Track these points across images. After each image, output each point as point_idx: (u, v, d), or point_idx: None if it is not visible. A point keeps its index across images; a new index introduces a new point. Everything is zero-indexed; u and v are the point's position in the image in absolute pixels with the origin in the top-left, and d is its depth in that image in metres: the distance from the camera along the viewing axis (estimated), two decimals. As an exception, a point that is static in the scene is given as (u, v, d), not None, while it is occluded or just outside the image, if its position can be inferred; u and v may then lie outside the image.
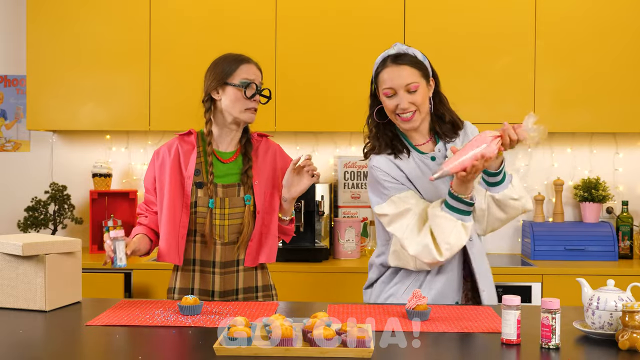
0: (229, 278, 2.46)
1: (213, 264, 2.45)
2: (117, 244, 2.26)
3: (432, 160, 2.34)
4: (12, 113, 4.20)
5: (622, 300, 1.83)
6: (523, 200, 2.28)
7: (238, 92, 2.42)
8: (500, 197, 2.25)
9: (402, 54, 2.30)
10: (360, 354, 1.67)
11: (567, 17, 3.72)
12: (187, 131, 2.52)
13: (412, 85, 2.26)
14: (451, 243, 2.19)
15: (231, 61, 2.45)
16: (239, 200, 2.45)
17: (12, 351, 1.77)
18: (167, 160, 2.46)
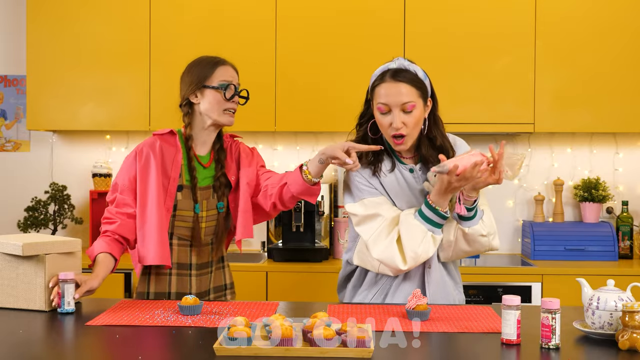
0: (204, 279, 2.47)
1: (190, 266, 2.44)
2: (65, 287, 2.12)
3: (410, 172, 2.32)
4: (12, 113, 4.20)
5: (622, 300, 1.83)
6: (491, 237, 2.27)
7: (217, 94, 2.38)
8: (470, 231, 2.23)
9: (402, 70, 2.22)
10: (360, 354, 1.67)
11: (567, 17, 3.72)
12: (168, 130, 2.46)
13: (408, 104, 2.19)
14: (418, 252, 2.19)
15: (207, 64, 2.42)
16: (213, 203, 2.45)
17: (12, 351, 1.77)
18: (151, 160, 2.38)
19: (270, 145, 4.10)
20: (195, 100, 2.41)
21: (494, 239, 2.29)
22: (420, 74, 2.25)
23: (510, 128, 3.75)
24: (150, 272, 2.44)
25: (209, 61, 2.43)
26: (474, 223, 2.23)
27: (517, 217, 4.08)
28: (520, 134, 3.98)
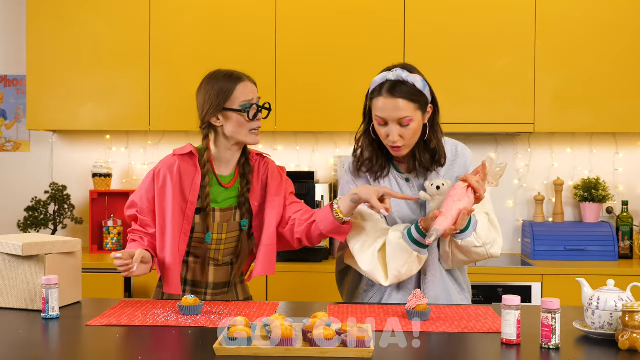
0: (219, 299, 2.43)
1: (206, 284, 2.41)
2: (49, 292, 2.07)
3: (407, 181, 2.33)
4: (12, 113, 4.20)
5: (622, 300, 1.83)
6: (488, 246, 2.26)
7: (240, 116, 2.28)
8: (463, 244, 2.23)
9: (399, 83, 2.19)
10: (360, 354, 1.67)
11: (567, 17, 3.72)
12: (188, 151, 2.35)
13: (404, 119, 2.19)
14: (402, 272, 2.22)
15: (225, 83, 2.29)
16: (235, 224, 2.38)
17: (12, 351, 1.77)
18: (168, 183, 2.31)
19: (270, 145, 4.10)
20: (217, 123, 2.31)
21: (491, 247, 2.27)
22: (419, 85, 2.21)
23: (510, 128, 3.75)
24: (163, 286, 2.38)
25: (226, 79, 2.30)
26: (467, 235, 2.22)
27: (517, 217, 4.08)
28: (520, 134, 3.98)
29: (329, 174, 4.09)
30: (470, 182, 2.13)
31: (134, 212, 2.37)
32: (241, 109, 2.29)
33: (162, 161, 2.37)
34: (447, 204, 2.12)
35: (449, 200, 2.13)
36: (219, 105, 2.28)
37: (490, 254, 2.28)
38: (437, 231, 2.08)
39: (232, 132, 2.31)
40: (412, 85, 2.20)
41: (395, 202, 2.30)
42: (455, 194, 2.13)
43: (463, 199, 2.12)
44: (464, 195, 2.12)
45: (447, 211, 2.11)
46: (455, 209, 2.11)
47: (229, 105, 2.29)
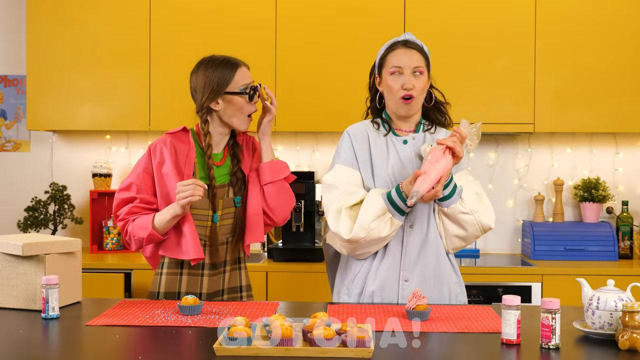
0: (216, 279, 2.45)
1: (203, 265, 2.42)
2: (49, 292, 2.07)
3: (404, 143, 2.37)
4: (12, 113, 4.21)
5: (622, 300, 1.84)
6: (477, 214, 2.27)
7: (241, 99, 2.38)
8: (450, 211, 2.26)
9: (412, 41, 2.40)
10: (360, 354, 1.67)
11: (567, 17, 3.72)
12: (181, 128, 2.43)
13: (419, 68, 2.34)
14: (370, 226, 2.22)
15: (225, 68, 2.37)
16: (229, 201, 2.43)
17: (12, 351, 1.77)
18: (166, 156, 2.37)
19: (270, 145, 4.09)
20: (217, 107, 2.37)
21: (481, 216, 2.28)
22: (426, 49, 2.41)
23: (510, 128, 3.75)
24: (162, 273, 2.42)
25: (225, 64, 2.38)
26: (452, 202, 2.25)
27: (517, 217, 4.08)
28: (520, 134, 3.98)
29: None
30: (446, 143, 2.18)
31: (130, 194, 2.37)
32: (241, 92, 2.37)
33: (155, 140, 2.42)
34: (424, 166, 2.16)
35: (426, 163, 2.16)
36: (220, 90, 2.36)
37: (482, 223, 2.29)
38: (417, 192, 2.11)
39: (229, 116, 2.39)
40: (422, 47, 2.41)
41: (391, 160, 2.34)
42: (433, 156, 2.17)
43: (440, 160, 2.15)
44: (441, 156, 2.16)
45: (425, 173, 2.14)
46: (434, 171, 2.14)
47: (229, 89, 2.36)
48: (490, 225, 2.32)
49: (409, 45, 2.37)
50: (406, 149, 2.36)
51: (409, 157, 2.35)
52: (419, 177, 2.14)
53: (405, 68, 2.33)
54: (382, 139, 2.39)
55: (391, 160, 2.35)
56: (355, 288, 2.36)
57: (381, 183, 2.33)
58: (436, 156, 2.16)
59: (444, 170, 2.15)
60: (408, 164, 2.34)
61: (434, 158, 2.16)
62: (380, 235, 2.24)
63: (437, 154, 2.17)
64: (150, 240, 2.34)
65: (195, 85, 2.40)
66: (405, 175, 2.32)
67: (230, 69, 2.37)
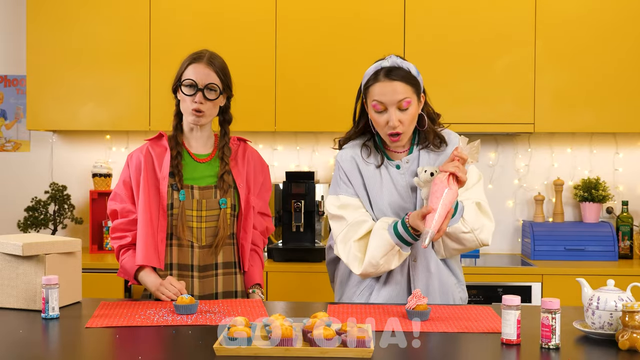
0: (208, 282, 2.43)
1: (192, 267, 2.41)
2: (49, 292, 2.06)
3: (397, 168, 2.33)
4: (12, 113, 4.20)
5: (622, 300, 1.83)
6: (477, 232, 2.24)
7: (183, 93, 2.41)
8: (451, 230, 2.22)
9: (395, 68, 2.22)
10: (360, 354, 1.67)
11: (567, 18, 3.72)
12: (157, 134, 2.49)
13: (404, 101, 2.20)
14: (379, 263, 2.22)
15: (186, 61, 2.44)
16: (215, 202, 2.41)
17: (12, 351, 1.77)
18: (141, 164, 2.41)
19: (270, 145, 4.10)
20: (179, 97, 2.46)
21: (480, 233, 2.25)
22: (413, 71, 2.25)
23: (510, 128, 3.75)
24: None
25: (187, 59, 2.45)
26: (454, 222, 2.21)
27: (517, 217, 4.08)
28: (520, 134, 3.98)
29: (329, 174, 4.09)
30: (448, 170, 2.13)
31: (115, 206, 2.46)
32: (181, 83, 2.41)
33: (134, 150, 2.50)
34: (432, 201, 2.12)
35: (433, 198, 2.12)
36: (178, 81, 2.45)
37: (480, 240, 2.26)
38: (428, 233, 2.09)
39: (183, 109, 2.44)
40: (408, 70, 2.23)
41: (386, 190, 2.31)
42: (437, 189, 2.13)
43: (444, 190, 2.12)
44: (445, 186, 2.12)
45: (433, 210, 2.11)
46: (442, 206, 2.11)
47: (180, 81, 2.43)
48: (488, 242, 2.29)
49: (391, 76, 2.20)
50: (400, 176, 2.32)
51: (403, 184, 2.31)
52: (428, 215, 2.10)
53: (388, 104, 2.20)
54: (371, 162, 2.33)
55: (386, 189, 2.31)
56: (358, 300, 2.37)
57: (379, 212, 2.32)
58: (440, 187, 2.12)
59: (450, 201, 2.12)
60: (403, 191, 2.31)
61: (438, 191, 2.11)
62: (390, 267, 2.26)
63: (441, 185, 2.12)
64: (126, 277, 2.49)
65: None
66: (403, 205, 2.30)
67: (187, 61, 2.43)
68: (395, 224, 2.22)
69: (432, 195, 2.13)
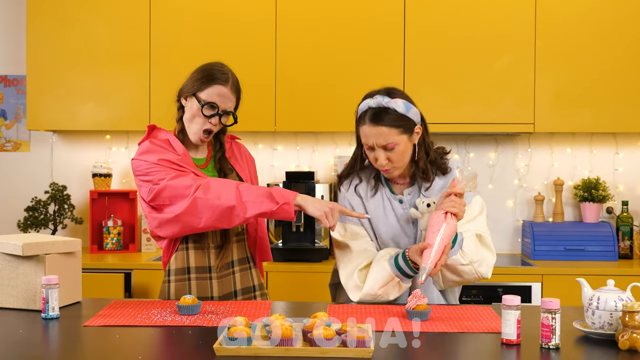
0: (226, 281, 2.43)
1: (209, 269, 2.40)
2: (49, 292, 2.06)
3: (400, 202, 2.35)
4: (12, 113, 4.20)
5: (622, 300, 1.83)
6: (476, 265, 2.24)
7: (198, 108, 2.34)
8: (450, 262, 2.22)
9: (380, 111, 2.21)
10: (360, 354, 1.67)
11: (567, 17, 3.72)
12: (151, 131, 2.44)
13: (388, 145, 2.22)
14: (377, 293, 2.25)
15: (213, 75, 2.35)
16: None
17: (12, 351, 1.77)
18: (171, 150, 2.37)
19: (270, 145, 4.10)
20: (185, 103, 2.40)
21: (479, 266, 2.25)
22: (400, 109, 2.22)
23: (510, 128, 3.75)
24: (169, 280, 2.38)
25: (215, 73, 2.35)
26: (453, 253, 2.21)
27: (517, 217, 4.08)
28: (520, 134, 3.98)
29: (329, 174, 4.09)
30: (445, 208, 2.13)
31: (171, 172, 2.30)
32: (201, 102, 2.34)
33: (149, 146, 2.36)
34: (429, 237, 2.13)
35: (430, 233, 2.14)
36: (192, 89, 2.36)
37: (480, 273, 2.26)
38: (424, 269, 2.10)
39: (187, 119, 2.39)
40: (394, 111, 2.21)
41: (389, 223, 2.34)
42: (434, 223, 2.14)
43: (441, 226, 2.12)
44: (442, 222, 2.12)
45: (431, 245, 2.12)
46: (438, 242, 2.12)
47: (198, 93, 2.35)
48: (487, 276, 2.29)
49: (375, 121, 2.20)
50: (403, 210, 2.34)
51: (405, 218, 2.34)
52: (424, 251, 2.12)
53: (375, 146, 2.23)
54: (377, 198, 2.37)
55: (389, 221, 2.34)
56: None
57: (382, 244, 2.36)
58: (437, 222, 2.13)
59: (448, 236, 2.13)
60: (405, 224, 2.34)
61: (435, 225, 2.13)
62: (389, 298, 2.28)
63: (437, 220, 2.13)
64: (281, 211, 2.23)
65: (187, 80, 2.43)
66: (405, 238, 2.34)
67: (216, 79, 2.34)
68: (396, 257, 2.23)
69: (429, 231, 2.14)
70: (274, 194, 2.20)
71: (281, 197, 2.20)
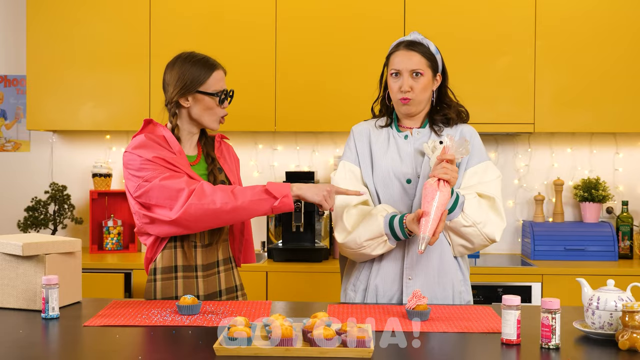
0: (212, 280, 2.43)
1: (195, 267, 2.39)
2: (49, 292, 2.06)
3: (405, 138, 2.40)
4: (12, 113, 4.21)
5: (622, 300, 1.84)
6: (479, 225, 2.27)
7: (212, 100, 2.36)
8: (452, 224, 2.27)
9: (416, 42, 2.38)
10: (360, 354, 1.67)
11: (567, 18, 3.72)
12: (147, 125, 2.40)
13: (418, 70, 2.34)
14: (362, 243, 2.28)
15: (202, 67, 2.36)
16: None
17: (12, 351, 1.77)
18: None
19: (270, 145, 4.10)
20: (186, 104, 2.37)
21: (484, 227, 2.28)
22: (432, 48, 2.41)
23: (510, 128, 3.75)
24: (155, 279, 2.37)
25: (202, 64, 2.37)
26: (454, 216, 2.25)
27: (517, 217, 4.08)
28: (520, 134, 3.98)
29: (329, 174, 4.09)
30: (437, 175, 2.18)
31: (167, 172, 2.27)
32: (214, 94, 2.36)
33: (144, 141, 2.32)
34: (424, 205, 2.17)
35: (424, 202, 2.17)
36: (192, 87, 2.35)
37: (485, 234, 2.29)
38: (424, 239, 2.14)
39: (198, 115, 2.38)
40: (427, 47, 2.39)
41: (390, 156, 2.38)
42: (428, 192, 2.17)
43: (436, 194, 2.16)
44: (435, 190, 2.17)
45: (427, 214, 2.16)
46: (434, 210, 2.15)
47: (202, 88, 2.35)
48: (495, 237, 2.31)
49: (410, 47, 2.36)
50: (406, 144, 2.39)
51: (407, 152, 2.37)
52: (421, 219, 2.16)
53: (403, 71, 2.34)
54: (383, 134, 2.42)
55: (390, 153, 2.38)
56: (361, 284, 2.40)
57: (379, 176, 2.38)
58: (431, 191, 2.17)
59: (442, 204, 2.16)
60: (406, 158, 2.37)
61: (429, 194, 2.17)
62: (371, 254, 2.31)
63: (431, 189, 2.17)
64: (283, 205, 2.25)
65: (168, 79, 2.39)
66: (403, 170, 2.36)
67: (207, 69, 2.37)
68: (392, 216, 2.26)
69: (424, 200, 2.18)
70: (271, 190, 2.23)
71: (278, 191, 2.23)
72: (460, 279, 2.40)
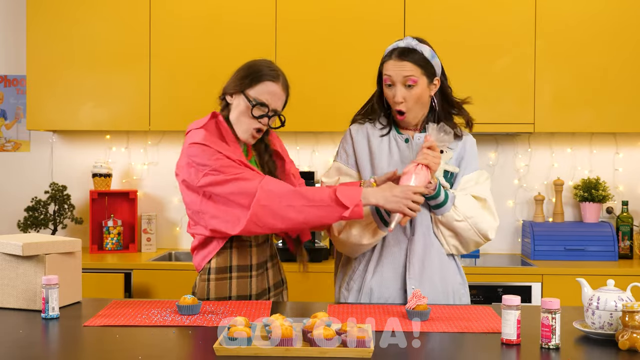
0: (262, 278, 2.42)
1: (250, 267, 2.37)
2: (49, 292, 2.06)
3: (406, 142, 2.38)
4: (12, 113, 4.21)
5: (622, 300, 1.84)
6: (471, 220, 2.28)
7: (247, 107, 2.27)
8: (444, 219, 2.28)
9: (409, 50, 2.32)
10: (360, 354, 1.67)
11: (567, 17, 3.72)
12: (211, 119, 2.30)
13: (409, 78, 2.28)
14: (352, 234, 2.28)
15: (259, 72, 2.29)
16: None
17: (12, 351, 1.77)
18: None
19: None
20: (230, 100, 2.32)
21: (477, 223, 2.28)
22: (426, 53, 2.33)
23: (510, 128, 3.75)
24: (209, 279, 2.33)
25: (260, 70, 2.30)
26: (445, 210, 2.27)
27: (517, 217, 4.08)
28: (520, 134, 3.98)
29: (329, 174, 4.09)
30: (417, 160, 2.20)
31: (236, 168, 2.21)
32: (251, 101, 2.27)
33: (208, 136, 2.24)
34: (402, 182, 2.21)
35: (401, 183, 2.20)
36: (241, 86, 2.28)
37: (478, 230, 2.29)
38: (394, 218, 2.17)
39: (234, 118, 2.32)
40: (420, 53, 2.32)
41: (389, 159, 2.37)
42: (405, 174, 2.21)
43: (412, 177, 2.18)
44: (411, 173, 2.19)
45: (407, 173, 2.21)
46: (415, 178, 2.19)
47: (248, 91, 2.28)
48: (488, 234, 2.31)
49: (401, 57, 2.29)
50: (408, 150, 2.37)
51: (408, 157, 2.36)
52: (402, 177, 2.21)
53: (395, 80, 2.30)
54: (384, 137, 2.40)
55: (393, 158, 2.37)
56: (355, 284, 2.38)
57: None
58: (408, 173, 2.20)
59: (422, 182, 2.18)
60: (408, 162, 2.35)
61: (406, 176, 2.20)
62: (361, 242, 2.30)
63: (407, 171, 2.20)
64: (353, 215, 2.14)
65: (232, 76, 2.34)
66: None
67: (264, 75, 2.29)
68: None
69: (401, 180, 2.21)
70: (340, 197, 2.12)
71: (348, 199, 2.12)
72: (459, 282, 2.41)
